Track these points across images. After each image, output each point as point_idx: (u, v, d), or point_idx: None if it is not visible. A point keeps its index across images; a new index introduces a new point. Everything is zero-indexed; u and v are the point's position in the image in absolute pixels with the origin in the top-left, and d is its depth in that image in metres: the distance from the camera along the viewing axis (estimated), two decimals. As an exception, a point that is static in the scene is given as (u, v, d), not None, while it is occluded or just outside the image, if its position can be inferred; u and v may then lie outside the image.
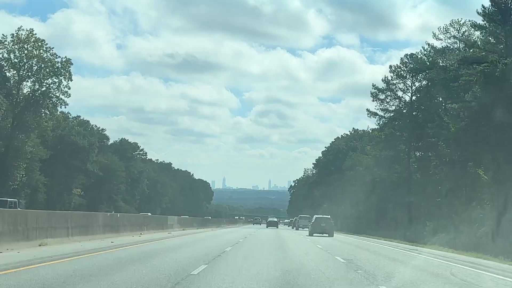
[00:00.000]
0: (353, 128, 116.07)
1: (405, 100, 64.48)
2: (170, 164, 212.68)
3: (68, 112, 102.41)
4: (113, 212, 66.18)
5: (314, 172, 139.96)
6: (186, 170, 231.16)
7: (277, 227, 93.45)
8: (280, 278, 14.73)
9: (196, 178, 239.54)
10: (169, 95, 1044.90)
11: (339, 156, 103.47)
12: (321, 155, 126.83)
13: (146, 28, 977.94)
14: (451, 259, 25.98)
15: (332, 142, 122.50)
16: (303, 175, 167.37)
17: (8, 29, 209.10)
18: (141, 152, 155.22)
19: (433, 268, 20.80)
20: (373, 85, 65.60)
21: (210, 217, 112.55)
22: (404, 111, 64.85)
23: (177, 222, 57.30)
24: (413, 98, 63.44)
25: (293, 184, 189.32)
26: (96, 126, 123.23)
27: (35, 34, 70.40)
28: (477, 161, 40.88)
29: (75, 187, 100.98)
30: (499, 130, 36.56)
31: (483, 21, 42.13)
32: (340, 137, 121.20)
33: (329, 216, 55.62)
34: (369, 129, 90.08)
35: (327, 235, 50.01)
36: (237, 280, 13.73)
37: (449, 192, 46.72)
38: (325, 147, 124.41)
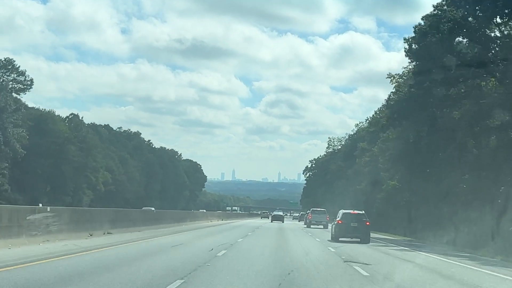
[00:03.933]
0: None
1: None
2: (138, 133, 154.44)
3: None
4: None
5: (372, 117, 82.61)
6: (172, 149, 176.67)
7: (283, 222, 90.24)
8: None
9: (184, 158, 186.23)
10: (177, 83, 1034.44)
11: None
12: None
13: (150, 10, 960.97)
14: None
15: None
16: (326, 151, 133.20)
17: (8, 12, 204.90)
18: (25, 80, 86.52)
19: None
20: None
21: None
22: None
23: None
24: None
25: (309, 165, 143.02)
26: None
27: None
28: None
29: None
30: None
31: None
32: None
33: (363, 212, 38.48)
34: None
35: (359, 240, 35.20)
36: None
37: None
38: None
